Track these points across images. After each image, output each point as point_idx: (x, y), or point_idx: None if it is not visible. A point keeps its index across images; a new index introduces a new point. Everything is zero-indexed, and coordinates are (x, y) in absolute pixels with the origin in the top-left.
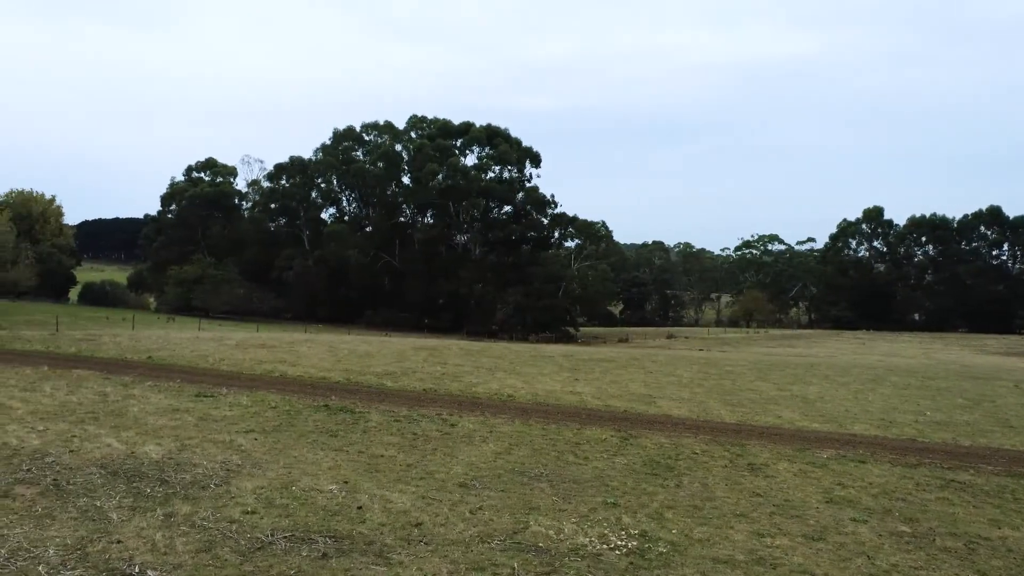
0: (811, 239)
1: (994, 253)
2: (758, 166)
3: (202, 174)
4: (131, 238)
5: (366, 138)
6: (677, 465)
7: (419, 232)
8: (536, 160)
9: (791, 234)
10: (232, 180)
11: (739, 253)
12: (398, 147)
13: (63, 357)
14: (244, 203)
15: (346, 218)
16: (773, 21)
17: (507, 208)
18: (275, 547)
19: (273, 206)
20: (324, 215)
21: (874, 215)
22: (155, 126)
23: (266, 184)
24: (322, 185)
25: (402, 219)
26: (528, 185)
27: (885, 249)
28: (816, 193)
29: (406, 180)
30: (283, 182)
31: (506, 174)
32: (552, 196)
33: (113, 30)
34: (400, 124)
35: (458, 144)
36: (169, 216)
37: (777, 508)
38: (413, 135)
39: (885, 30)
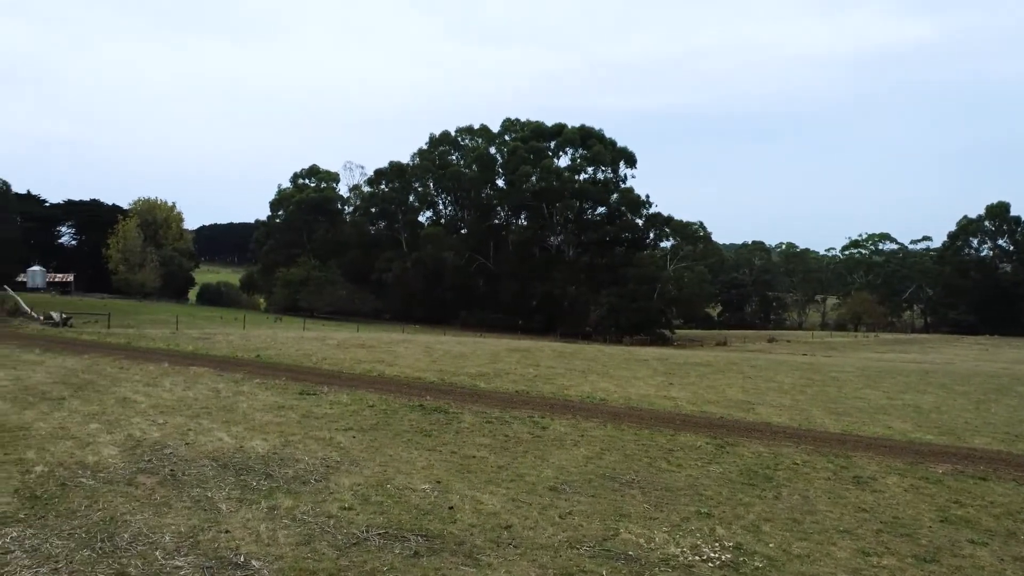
0: (927, 238)
1: None
2: (866, 161)
3: (307, 180)
4: (243, 242)
5: (461, 142)
6: (776, 475)
7: (513, 234)
8: (631, 160)
9: (904, 233)
10: (335, 185)
11: (847, 253)
12: (492, 150)
13: (181, 354)
14: (346, 207)
15: (442, 221)
16: (882, 6)
17: (601, 209)
18: (370, 543)
19: (373, 210)
20: (421, 218)
21: (998, 211)
22: (265, 135)
23: (366, 189)
24: (419, 189)
25: (496, 221)
26: (623, 186)
27: (1011, 248)
28: (932, 189)
29: (500, 182)
30: (382, 186)
31: (600, 175)
32: (647, 196)
33: (226, 45)
34: (494, 127)
35: (551, 146)
36: (277, 221)
37: (885, 525)
38: (507, 138)
39: (1007, 12)
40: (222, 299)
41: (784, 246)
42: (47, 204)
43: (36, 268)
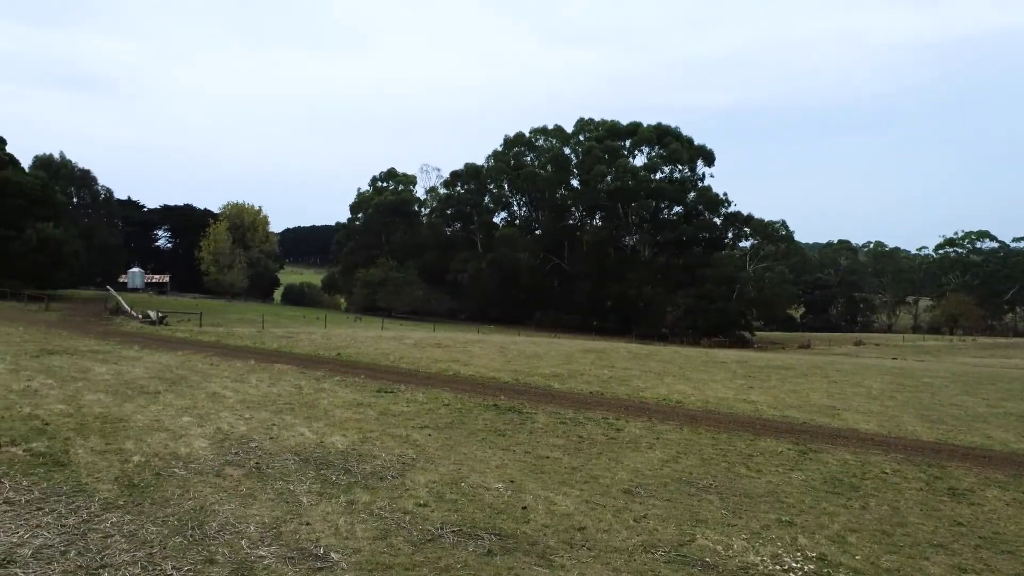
0: None
1: None
2: (961, 155)
3: (386, 183)
4: (325, 244)
5: (536, 142)
6: (863, 485)
7: (587, 234)
8: (709, 159)
9: (1005, 231)
10: (412, 188)
11: (941, 252)
12: (567, 150)
13: (267, 352)
14: (423, 209)
15: (517, 221)
16: None
17: (677, 208)
18: (444, 540)
19: (449, 211)
20: (496, 219)
21: None
22: (345, 140)
23: (442, 191)
24: (494, 190)
25: (571, 222)
26: (700, 184)
27: None
28: None
29: (575, 183)
30: (458, 188)
31: (677, 174)
32: (725, 195)
33: (308, 55)
34: (568, 127)
35: (627, 145)
36: (357, 223)
37: (984, 541)
38: (581, 137)
39: None
40: (305, 299)
41: (872, 245)
42: (145, 209)
43: (136, 270)
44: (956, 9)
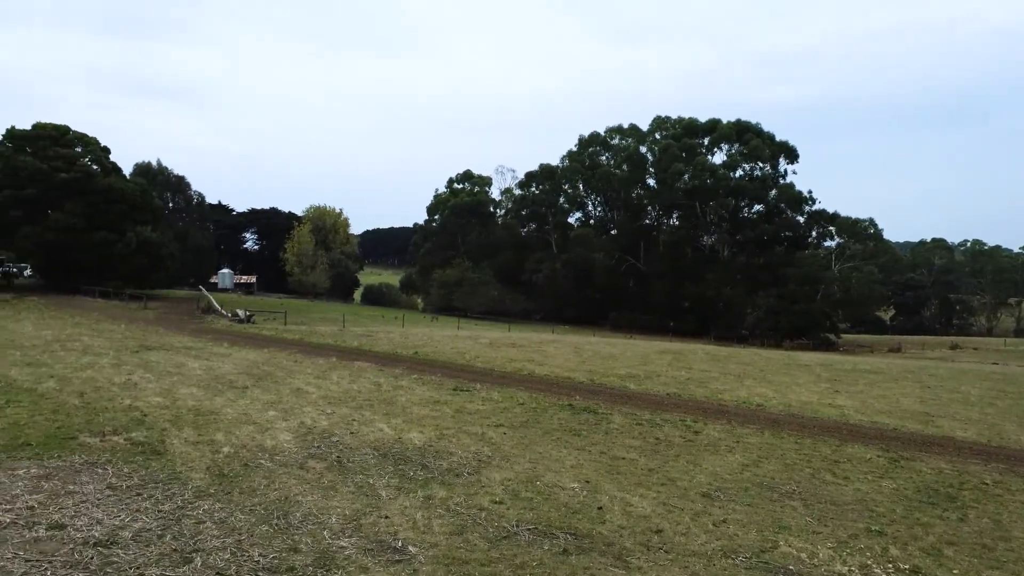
0: None
1: None
2: None
3: (462, 185)
4: (402, 245)
5: (611, 141)
6: (961, 495)
7: (664, 234)
8: (792, 155)
9: None
10: (487, 189)
11: None
12: (642, 149)
13: (347, 350)
14: (498, 210)
15: (591, 221)
16: None
17: (758, 207)
18: (519, 538)
19: (524, 212)
20: (571, 219)
21: None
22: (422, 144)
23: (517, 192)
24: (569, 190)
25: (647, 221)
26: (782, 182)
27: None
28: None
29: (651, 182)
30: (533, 189)
31: (757, 171)
32: (809, 192)
33: (387, 63)
34: (644, 126)
35: (705, 142)
36: (433, 224)
37: None
38: (657, 136)
39: None
40: (383, 299)
41: (969, 243)
42: (234, 213)
43: (225, 270)
44: None
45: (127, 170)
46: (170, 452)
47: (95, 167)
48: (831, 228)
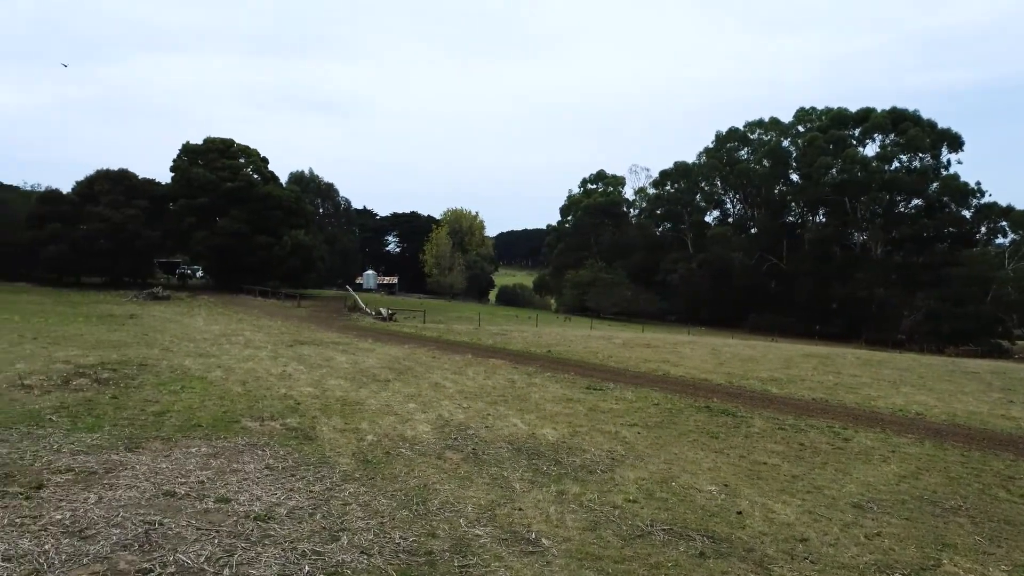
0: None
1: None
2: None
3: (595, 185)
4: (536, 246)
5: (750, 136)
6: None
7: (809, 232)
8: (955, 143)
9: None
10: (620, 189)
11: None
12: (785, 143)
13: (482, 348)
14: (631, 210)
15: (730, 220)
16: None
17: (916, 201)
18: (653, 537)
19: (658, 211)
20: (708, 218)
21: None
22: (554, 146)
23: (651, 191)
24: (705, 188)
25: (789, 219)
26: (945, 174)
27: None
28: None
29: (794, 177)
30: (667, 188)
31: (916, 163)
32: (977, 184)
33: (519, 67)
34: (786, 119)
35: (855, 133)
36: (566, 225)
37: None
38: (800, 128)
39: None
40: (517, 299)
41: None
42: (377, 217)
43: (370, 272)
44: None
45: (283, 178)
46: (320, 438)
47: (256, 176)
48: (1004, 223)
